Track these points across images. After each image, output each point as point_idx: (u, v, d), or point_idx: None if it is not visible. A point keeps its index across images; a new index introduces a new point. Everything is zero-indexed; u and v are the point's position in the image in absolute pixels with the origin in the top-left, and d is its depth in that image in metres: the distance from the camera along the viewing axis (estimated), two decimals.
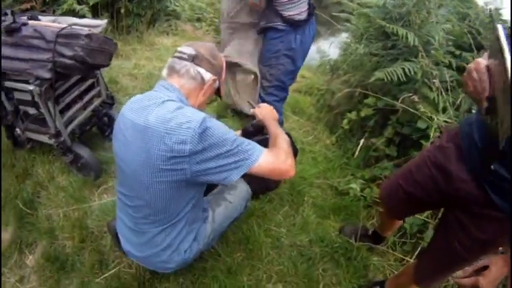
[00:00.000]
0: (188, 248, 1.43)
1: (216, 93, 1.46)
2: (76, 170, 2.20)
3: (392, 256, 1.95)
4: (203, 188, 1.41)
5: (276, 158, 1.26)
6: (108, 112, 2.36)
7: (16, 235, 1.91)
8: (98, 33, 1.88)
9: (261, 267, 1.84)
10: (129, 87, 3.17)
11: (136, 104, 1.24)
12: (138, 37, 4.26)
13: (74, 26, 1.82)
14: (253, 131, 1.82)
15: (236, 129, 1.84)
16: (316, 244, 1.99)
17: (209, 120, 1.16)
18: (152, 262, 1.46)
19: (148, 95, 1.26)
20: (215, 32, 4.79)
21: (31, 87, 1.81)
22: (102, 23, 2.08)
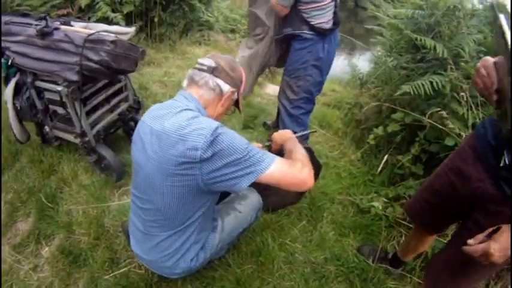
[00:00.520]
0: (195, 257, 1.44)
1: (235, 104, 1.48)
2: (99, 170, 2.27)
3: (409, 280, 1.83)
4: (215, 198, 1.42)
5: (290, 167, 1.24)
6: (134, 117, 2.44)
7: (35, 226, 1.98)
8: (125, 39, 1.95)
9: (271, 281, 1.78)
10: (159, 94, 3.26)
11: (155, 112, 1.28)
12: (171, 46, 4.38)
13: (102, 32, 1.89)
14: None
15: (260, 140, 1.81)
16: (331, 262, 1.91)
17: (221, 128, 1.18)
18: (158, 266, 1.47)
19: (167, 104, 1.30)
20: None
21: (59, 88, 1.90)
22: (130, 30, 2.16)
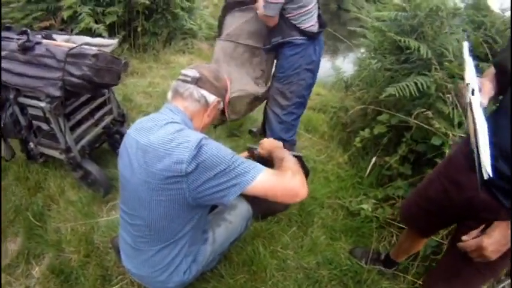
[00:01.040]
0: (187, 270, 1.42)
1: (222, 114, 1.48)
2: (86, 186, 2.24)
3: (403, 280, 1.84)
4: (205, 211, 1.40)
5: (279, 177, 1.19)
6: (119, 130, 2.41)
7: (24, 246, 1.94)
8: (107, 52, 1.93)
9: None
10: (143, 104, 3.23)
11: (141, 125, 1.27)
12: (154, 55, 4.35)
13: (84, 46, 1.87)
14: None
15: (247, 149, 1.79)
16: (324, 267, 1.91)
17: (206, 140, 1.16)
18: (151, 281, 1.45)
19: (153, 117, 1.29)
20: None
21: (42, 104, 1.87)
22: (113, 42, 2.14)
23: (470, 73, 1.04)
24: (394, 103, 2.25)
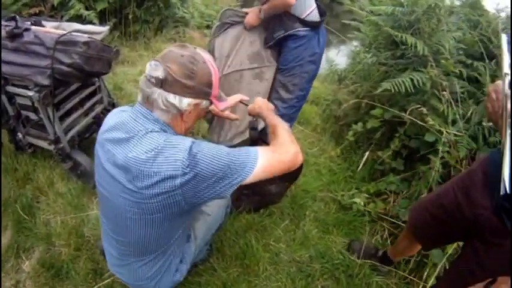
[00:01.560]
0: (177, 271, 1.39)
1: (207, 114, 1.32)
2: (75, 177, 2.19)
3: (395, 275, 1.86)
4: (192, 214, 1.35)
5: (276, 153, 1.13)
6: None
7: (14, 240, 1.90)
8: (98, 40, 1.87)
9: (258, 283, 1.78)
10: (133, 93, 3.16)
11: (113, 135, 1.10)
12: (146, 43, 4.27)
13: (74, 33, 1.81)
14: (259, 135, 1.75)
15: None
16: (316, 260, 1.92)
17: (196, 146, 1.04)
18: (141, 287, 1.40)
19: (127, 125, 1.09)
20: None
21: (31, 93, 1.82)
22: (104, 30, 2.08)
23: (508, 64, 0.94)
24: (388, 98, 2.25)
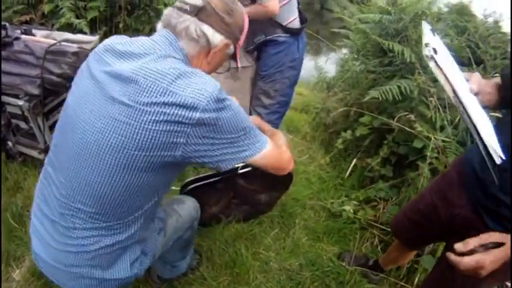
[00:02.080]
0: (136, 262, 1.09)
1: (232, 57, 1.12)
2: None
3: (387, 281, 1.86)
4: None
5: (278, 150, 1.07)
6: None
7: (4, 248, 1.88)
8: (88, 49, 1.89)
9: None
10: None
11: (123, 46, 0.93)
12: None
13: (64, 43, 1.83)
14: None
15: None
16: (306, 268, 1.92)
17: (226, 94, 0.91)
18: (71, 275, 1.03)
19: (142, 42, 0.93)
20: None
21: (20, 102, 1.83)
22: (94, 39, 2.10)
23: (429, 37, 0.92)
24: (377, 105, 2.27)
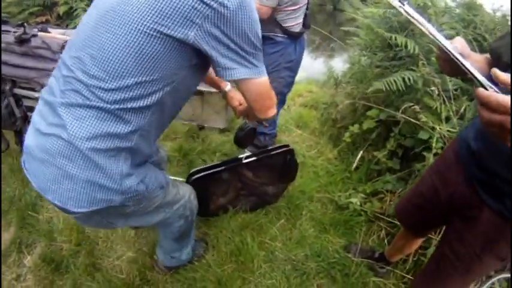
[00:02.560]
0: (130, 177, 1.01)
1: None
2: None
3: (393, 274, 1.85)
4: (188, 80, 1.01)
5: (271, 90, 1.17)
6: None
7: (17, 235, 1.97)
8: None
9: (252, 280, 1.79)
10: None
11: None
12: None
13: None
14: (244, 136, 1.76)
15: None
16: (312, 259, 1.92)
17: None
18: (55, 173, 0.95)
19: None
20: None
21: (37, 94, 1.91)
22: None
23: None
24: (383, 99, 2.27)
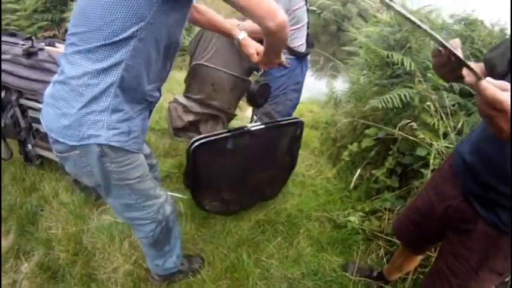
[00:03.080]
0: (117, 125, 1.12)
1: None
2: (79, 189, 2.28)
3: None
4: (163, 11, 1.03)
5: None
6: None
7: (15, 242, 1.99)
8: None
9: None
10: None
11: None
12: None
13: None
14: (257, 90, 1.70)
15: None
16: (308, 277, 1.89)
17: None
18: (55, 112, 1.12)
19: None
20: None
21: (41, 105, 1.96)
22: None
23: None
24: (382, 117, 2.28)
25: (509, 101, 0.55)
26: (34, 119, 2.12)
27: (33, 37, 2.05)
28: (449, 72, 0.88)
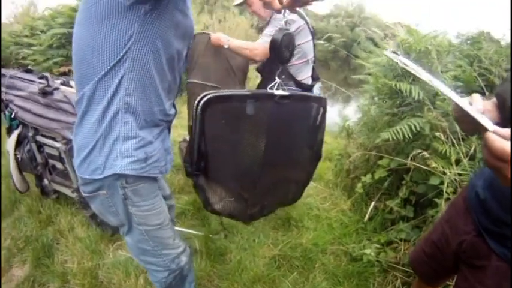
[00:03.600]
0: (125, 140, 1.11)
1: None
2: (95, 225, 2.31)
3: None
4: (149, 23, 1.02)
5: None
6: None
7: (30, 274, 2.01)
8: None
9: None
10: None
11: None
12: None
13: None
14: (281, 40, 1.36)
15: None
16: None
17: None
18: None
19: None
20: None
21: (58, 144, 2.04)
22: None
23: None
24: (394, 147, 2.25)
25: None
26: (50, 156, 2.18)
27: (48, 76, 2.13)
28: (467, 126, 0.94)
